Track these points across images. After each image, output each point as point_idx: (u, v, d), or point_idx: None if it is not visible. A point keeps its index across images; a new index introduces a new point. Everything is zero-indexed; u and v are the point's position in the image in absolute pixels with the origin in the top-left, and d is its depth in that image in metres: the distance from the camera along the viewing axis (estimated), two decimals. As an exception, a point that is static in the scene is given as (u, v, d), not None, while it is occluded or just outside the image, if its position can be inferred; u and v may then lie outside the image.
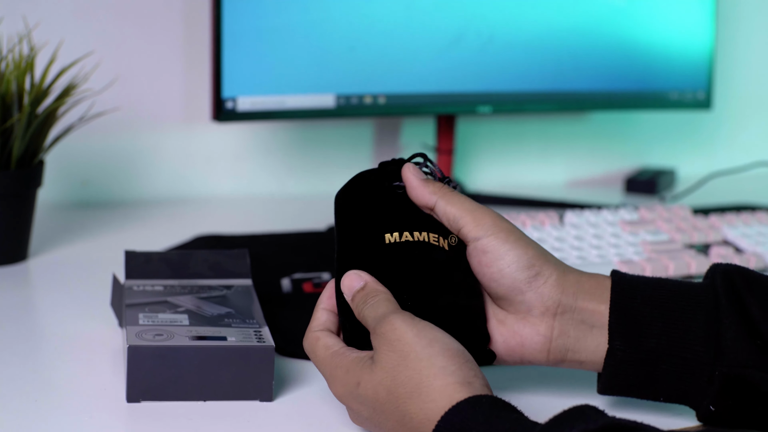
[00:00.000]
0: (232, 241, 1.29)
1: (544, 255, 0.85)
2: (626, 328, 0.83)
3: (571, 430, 0.67)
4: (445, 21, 1.42)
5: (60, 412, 0.85)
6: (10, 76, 1.17)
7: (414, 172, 0.87)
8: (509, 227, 0.84)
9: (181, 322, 0.91)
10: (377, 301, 0.81)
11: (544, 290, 0.83)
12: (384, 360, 0.77)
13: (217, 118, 1.34)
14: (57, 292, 1.14)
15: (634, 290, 0.84)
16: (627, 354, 0.83)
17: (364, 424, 0.81)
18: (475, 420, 0.72)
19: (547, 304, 0.84)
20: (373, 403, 0.78)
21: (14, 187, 1.19)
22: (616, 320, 0.83)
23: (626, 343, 0.83)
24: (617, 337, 0.83)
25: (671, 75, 1.55)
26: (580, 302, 0.84)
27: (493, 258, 0.83)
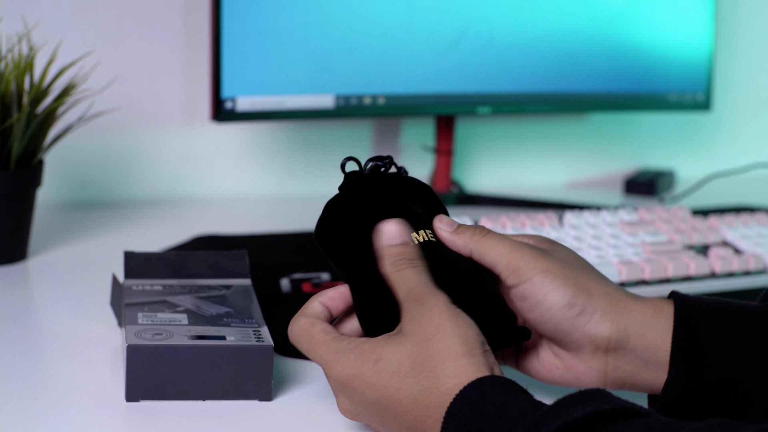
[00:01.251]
0: (232, 241, 1.29)
1: (587, 289, 0.81)
2: (687, 359, 0.81)
3: (584, 408, 0.68)
4: (444, 22, 1.42)
5: (59, 411, 0.85)
6: (9, 75, 1.17)
7: (445, 226, 0.85)
8: (546, 266, 0.81)
9: (180, 321, 0.91)
10: (421, 269, 0.80)
11: (590, 329, 0.81)
12: (416, 333, 0.76)
13: (217, 119, 1.34)
14: (56, 291, 1.14)
15: (696, 316, 0.81)
16: (686, 386, 0.81)
17: (360, 413, 0.79)
18: (492, 396, 0.72)
19: (597, 343, 0.82)
20: (391, 379, 0.76)
21: (13, 186, 1.19)
22: (677, 350, 0.81)
23: (686, 375, 0.81)
24: (677, 367, 0.81)
25: (671, 77, 1.56)
26: (633, 338, 0.81)
27: (533, 303, 0.82)
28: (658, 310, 0.82)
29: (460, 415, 0.72)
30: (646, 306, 0.82)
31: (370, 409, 0.78)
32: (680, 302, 0.82)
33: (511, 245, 0.83)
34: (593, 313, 0.81)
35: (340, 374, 0.78)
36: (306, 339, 0.81)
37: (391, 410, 0.77)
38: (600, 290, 0.82)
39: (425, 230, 0.84)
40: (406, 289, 0.79)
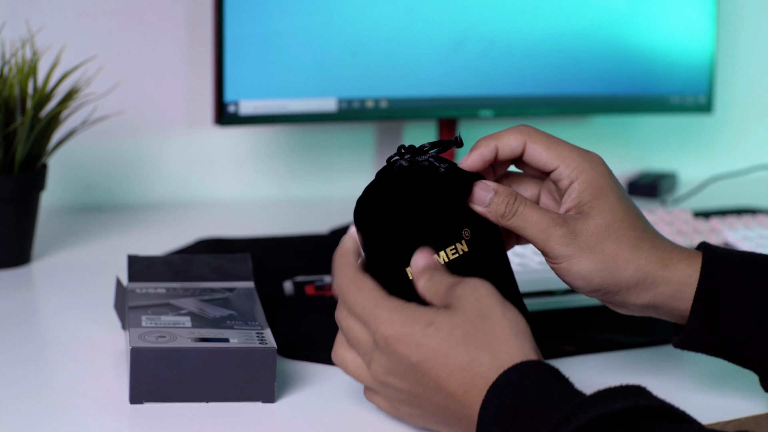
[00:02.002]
0: (235, 245, 1.30)
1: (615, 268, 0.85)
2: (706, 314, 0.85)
3: (624, 401, 0.69)
4: (446, 25, 1.42)
5: (63, 413, 0.85)
6: (13, 80, 1.17)
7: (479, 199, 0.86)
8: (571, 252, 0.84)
9: (183, 324, 0.91)
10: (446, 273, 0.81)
11: (620, 299, 0.86)
12: (468, 308, 0.77)
13: (220, 122, 1.35)
14: (60, 295, 1.15)
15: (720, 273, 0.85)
16: (703, 336, 0.86)
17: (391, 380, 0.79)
18: (534, 381, 0.73)
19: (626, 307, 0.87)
20: (441, 342, 0.76)
21: (17, 190, 1.19)
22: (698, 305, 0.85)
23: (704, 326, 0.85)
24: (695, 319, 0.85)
25: (672, 79, 1.56)
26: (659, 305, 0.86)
27: (573, 278, 0.85)
28: (686, 278, 0.85)
29: (501, 395, 0.73)
30: (675, 275, 0.85)
31: (407, 373, 0.78)
32: (708, 257, 0.86)
33: (540, 228, 0.85)
34: (619, 291, 0.85)
35: (387, 330, 0.78)
36: (355, 290, 0.81)
37: (433, 374, 0.77)
38: (628, 268, 0.85)
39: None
40: (445, 285, 0.80)
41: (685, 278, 0.85)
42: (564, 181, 0.87)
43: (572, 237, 0.84)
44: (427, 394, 0.78)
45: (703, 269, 0.85)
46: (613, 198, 0.86)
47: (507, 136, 0.87)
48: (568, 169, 0.86)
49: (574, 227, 0.85)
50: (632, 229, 0.85)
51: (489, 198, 0.85)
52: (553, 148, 0.87)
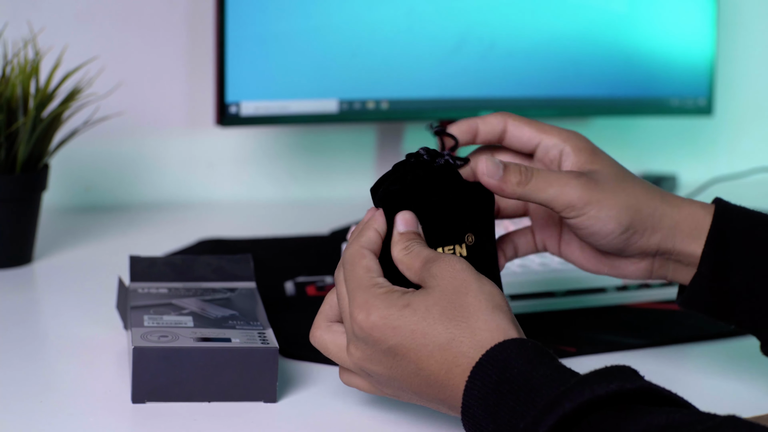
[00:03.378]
0: (236, 245, 1.30)
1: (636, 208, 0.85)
2: (716, 260, 0.86)
3: (609, 386, 0.69)
4: (446, 27, 1.42)
5: (65, 413, 0.85)
6: (15, 80, 1.17)
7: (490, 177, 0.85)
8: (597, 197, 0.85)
9: (185, 323, 0.91)
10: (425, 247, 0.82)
11: (642, 244, 0.86)
12: (443, 285, 0.77)
13: (221, 123, 1.35)
14: (61, 294, 1.15)
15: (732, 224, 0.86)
16: (712, 284, 0.86)
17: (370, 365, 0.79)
18: (519, 359, 0.73)
19: (647, 252, 0.87)
20: (419, 323, 0.76)
21: (19, 190, 1.19)
22: (709, 251, 0.86)
23: (713, 273, 0.86)
24: (705, 265, 0.86)
25: (672, 81, 1.56)
26: (678, 245, 0.87)
27: (591, 233, 0.86)
28: (701, 219, 0.87)
29: (485, 376, 0.73)
30: (690, 216, 0.87)
31: (386, 358, 0.78)
32: (721, 208, 0.87)
33: (561, 183, 0.85)
34: (644, 230, 0.86)
35: (361, 315, 0.78)
36: (350, 267, 0.81)
37: (412, 356, 0.76)
38: (648, 205, 0.86)
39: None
40: (421, 260, 0.80)
41: (701, 220, 0.87)
42: (553, 150, 0.88)
43: (594, 183, 0.85)
44: (408, 377, 0.77)
45: (715, 217, 0.86)
46: (607, 156, 0.88)
47: (487, 116, 0.89)
48: (552, 139, 0.88)
49: (592, 176, 0.86)
50: (636, 177, 0.88)
51: (500, 169, 0.85)
52: (533, 124, 0.89)
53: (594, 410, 0.68)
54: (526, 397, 0.71)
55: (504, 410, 0.71)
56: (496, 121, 0.88)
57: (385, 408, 0.87)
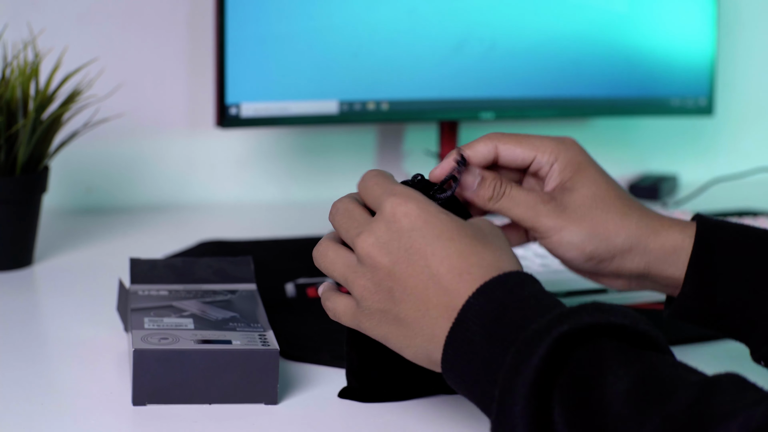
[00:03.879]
0: (236, 247, 1.30)
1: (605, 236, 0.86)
2: (700, 280, 0.86)
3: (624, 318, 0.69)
4: (447, 28, 1.42)
5: (66, 415, 0.85)
6: (15, 82, 1.17)
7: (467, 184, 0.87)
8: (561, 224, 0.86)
9: (186, 326, 0.91)
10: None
11: (612, 268, 0.87)
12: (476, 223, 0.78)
13: (221, 124, 1.35)
14: (62, 296, 1.15)
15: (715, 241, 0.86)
16: (696, 304, 0.86)
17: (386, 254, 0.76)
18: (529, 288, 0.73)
19: (620, 275, 0.88)
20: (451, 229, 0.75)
21: (19, 192, 1.19)
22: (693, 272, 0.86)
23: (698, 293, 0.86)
24: (689, 285, 0.86)
25: (673, 82, 1.56)
26: (653, 271, 0.87)
27: (566, 250, 0.87)
28: (679, 243, 0.87)
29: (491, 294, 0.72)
30: (667, 241, 0.87)
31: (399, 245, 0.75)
32: (702, 226, 0.87)
33: (528, 206, 0.86)
34: (612, 258, 0.87)
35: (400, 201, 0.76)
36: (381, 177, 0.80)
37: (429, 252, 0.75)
38: (618, 234, 0.86)
39: None
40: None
41: (678, 243, 0.87)
42: (544, 168, 0.89)
43: (560, 210, 0.86)
44: (410, 272, 0.75)
45: (697, 236, 0.86)
46: (594, 172, 0.88)
47: (476, 143, 0.89)
48: (545, 155, 0.88)
49: (561, 201, 0.87)
50: (618, 198, 0.88)
51: (476, 182, 0.86)
52: (524, 141, 0.89)
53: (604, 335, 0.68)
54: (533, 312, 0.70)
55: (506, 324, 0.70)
56: (485, 148, 0.88)
57: (385, 410, 0.87)
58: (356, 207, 0.80)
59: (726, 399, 0.61)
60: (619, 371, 0.65)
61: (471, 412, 0.85)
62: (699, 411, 0.61)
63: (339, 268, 0.80)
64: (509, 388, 0.66)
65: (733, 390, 0.62)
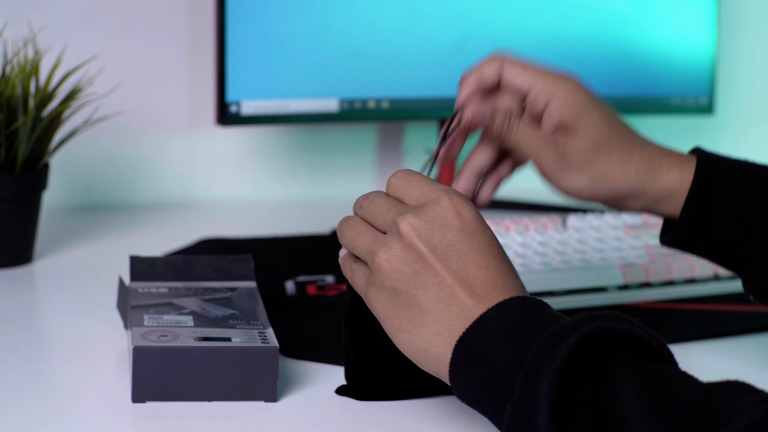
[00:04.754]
0: (237, 245, 1.30)
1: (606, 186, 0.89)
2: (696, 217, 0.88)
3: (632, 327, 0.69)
4: (447, 27, 1.42)
5: (66, 412, 0.85)
6: (15, 79, 1.17)
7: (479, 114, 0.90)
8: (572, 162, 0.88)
9: (185, 323, 0.91)
10: None
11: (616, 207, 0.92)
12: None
13: (221, 122, 1.35)
14: (62, 294, 1.15)
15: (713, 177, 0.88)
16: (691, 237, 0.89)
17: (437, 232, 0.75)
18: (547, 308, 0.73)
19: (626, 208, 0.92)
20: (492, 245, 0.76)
21: (19, 190, 1.19)
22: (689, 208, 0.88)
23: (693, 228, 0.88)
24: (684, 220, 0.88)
25: (673, 80, 1.56)
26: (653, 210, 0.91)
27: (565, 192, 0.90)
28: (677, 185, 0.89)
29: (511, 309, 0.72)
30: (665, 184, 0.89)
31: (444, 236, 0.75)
32: (701, 164, 0.88)
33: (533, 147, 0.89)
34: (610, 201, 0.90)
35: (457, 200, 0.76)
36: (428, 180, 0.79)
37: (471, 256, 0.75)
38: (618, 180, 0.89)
39: None
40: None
41: (676, 186, 0.89)
42: (540, 101, 0.90)
43: (561, 156, 0.88)
44: (443, 267, 0.75)
45: (696, 175, 0.88)
46: (596, 114, 0.88)
47: (483, 64, 0.91)
48: (544, 87, 0.90)
49: (563, 149, 0.88)
50: (619, 143, 0.88)
51: (488, 113, 0.89)
52: (528, 68, 0.91)
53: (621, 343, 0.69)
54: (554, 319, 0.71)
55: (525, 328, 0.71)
56: (492, 67, 0.91)
57: (384, 409, 0.87)
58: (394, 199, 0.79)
59: (731, 398, 0.63)
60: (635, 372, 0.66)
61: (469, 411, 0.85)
62: (705, 408, 0.63)
63: (366, 239, 0.78)
64: (535, 372, 0.67)
65: (738, 392, 0.64)
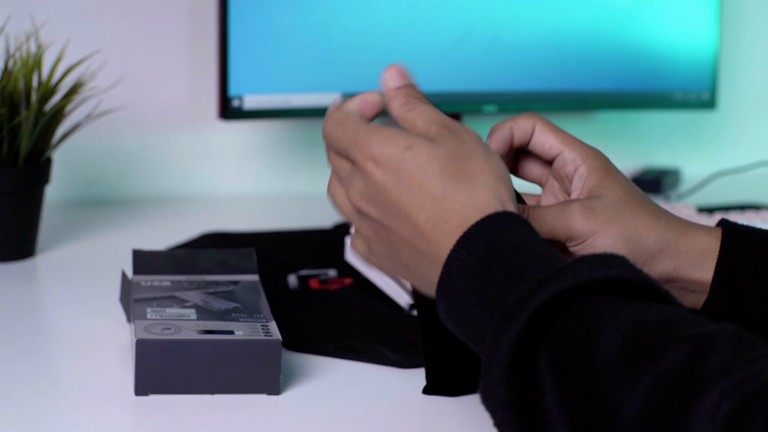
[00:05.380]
0: (239, 239, 1.30)
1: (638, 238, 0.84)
2: (727, 284, 0.85)
3: (609, 270, 0.67)
4: (449, 21, 1.42)
5: (69, 406, 0.86)
6: (18, 73, 1.17)
7: None
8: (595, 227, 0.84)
9: (188, 316, 0.91)
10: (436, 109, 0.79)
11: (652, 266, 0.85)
12: (450, 145, 0.75)
13: (224, 117, 1.35)
14: (64, 288, 1.15)
15: (741, 246, 0.85)
16: (723, 309, 0.85)
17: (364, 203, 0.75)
18: (511, 234, 0.71)
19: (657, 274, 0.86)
20: (417, 170, 0.73)
21: (22, 184, 1.19)
22: (719, 275, 0.85)
23: (724, 298, 0.85)
24: (716, 291, 0.85)
25: (676, 75, 1.56)
26: (682, 274, 0.86)
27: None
28: (707, 246, 0.86)
29: (472, 246, 0.71)
30: (695, 243, 0.86)
31: (380, 198, 0.75)
32: (728, 231, 0.86)
33: (555, 214, 0.84)
34: (645, 261, 0.85)
35: (365, 151, 0.75)
36: (339, 128, 0.78)
37: (405, 202, 0.74)
38: (649, 236, 0.85)
39: None
40: (426, 119, 0.77)
41: (706, 246, 0.86)
42: (569, 166, 0.87)
43: (590, 212, 0.84)
44: (396, 225, 0.74)
45: (723, 239, 0.85)
46: (620, 178, 0.87)
47: (519, 118, 0.88)
48: (573, 153, 0.87)
49: (590, 204, 0.85)
50: (645, 201, 0.87)
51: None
52: (559, 133, 0.88)
53: (588, 293, 0.66)
54: (516, 272, 0.69)
55: (490, 284, 0.69)
56: (527, 123, 0.88)
57: (388, 401, 0.87)
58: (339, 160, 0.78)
59: (720, 358, 0.60)
60: (606, 331, 0.63)
61: (475, 407, 0.85)
62: (691, 371, 0.59)
63: (346, 211, 0.79)
64: (489, 363, 0.66)
65: (727, 348, 0.60)
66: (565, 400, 0.63)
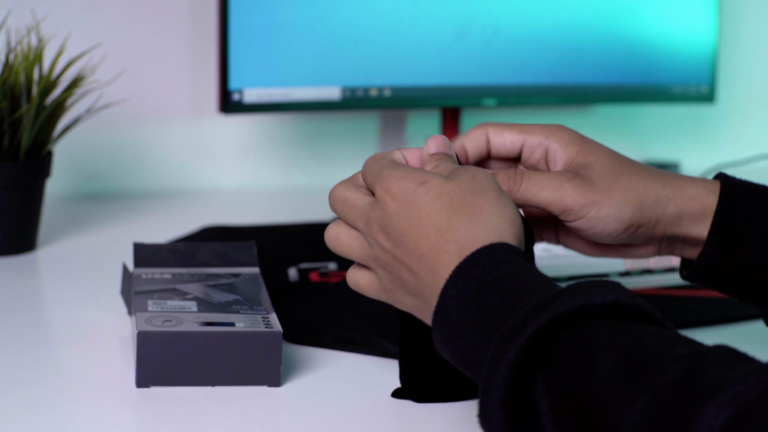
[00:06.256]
0: (239, 232, 1.30)
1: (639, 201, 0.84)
2: (723, 238, 0.85)
3: (606, 295, 0.67)
4: (449, 15, 1.43)
5: (70, 398, 0.86)
6: (18, 67, 1.18)
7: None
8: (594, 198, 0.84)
9: (189, 308, 0.91)
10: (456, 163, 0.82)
11: (646, 234, 0.86)
12: (462, 180, 0.77)
13: (224, 110, 1.35)
14: (65, 281, 1.15)
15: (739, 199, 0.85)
16: (718, 261, 0.86)
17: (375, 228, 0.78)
18: (506, 262, 0.72)
19: (652, 239, 0.87)
20: (427, 204, 0.75)
21: (23, 178, 1.20)
22: (716, 230, 0.85)
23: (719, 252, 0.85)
24: (712, 244, 0.85)
25: (675, 69, 1.56)
26: (684, 230, 0.86)
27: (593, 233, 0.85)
28: (704, 199, 0.86)
29: (468, 276, 0.72)
30: (694, 199, 0.86)
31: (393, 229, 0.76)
32: (726, 185, 0.86)
33: (553, 186, 0.84)
34: (648, 222, 0.85)
35: (385, 184, 0.77)
36: (372, 163, 0.81)
37: (412, 233, 0.75)
38: (649, 196, 0.85)
39: None
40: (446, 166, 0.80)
41: (704, 199, 0.86)
42: (538, 150, 0.87)
43: (589, 182, 0.84)
44: (405, 255, 0.76)
45: (721, 194, 0.85)
46: (598, 145, 0.86)
47: (469, 132, 0.88)
48: (534, 136, 0.87)
49: (585, 175, 0.84)
50: (632, 163, 0.86)
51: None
52: (513, 127, 0.88)
53: (585, 317, 0.67)
54: (512, 299, 0.69)
55: (486, 312, 0.70)
56: (478, 134, 0.88)
57: (387, 393, 0.88)
58: (352, 193, 0.81)
59: (716, 373, 0.60)
60: (603, 351, 0.64)
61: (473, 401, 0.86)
62: (688, 385, 0.60)
63: (356, 250, 0.80)
64: (487, 387, 0.66)
65: (722, 363, 0.61)
66: (564, 422, 0.64)
